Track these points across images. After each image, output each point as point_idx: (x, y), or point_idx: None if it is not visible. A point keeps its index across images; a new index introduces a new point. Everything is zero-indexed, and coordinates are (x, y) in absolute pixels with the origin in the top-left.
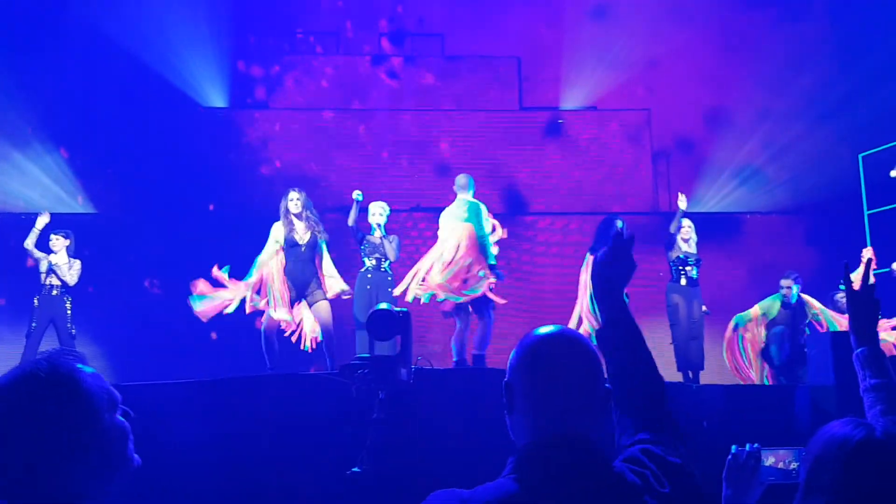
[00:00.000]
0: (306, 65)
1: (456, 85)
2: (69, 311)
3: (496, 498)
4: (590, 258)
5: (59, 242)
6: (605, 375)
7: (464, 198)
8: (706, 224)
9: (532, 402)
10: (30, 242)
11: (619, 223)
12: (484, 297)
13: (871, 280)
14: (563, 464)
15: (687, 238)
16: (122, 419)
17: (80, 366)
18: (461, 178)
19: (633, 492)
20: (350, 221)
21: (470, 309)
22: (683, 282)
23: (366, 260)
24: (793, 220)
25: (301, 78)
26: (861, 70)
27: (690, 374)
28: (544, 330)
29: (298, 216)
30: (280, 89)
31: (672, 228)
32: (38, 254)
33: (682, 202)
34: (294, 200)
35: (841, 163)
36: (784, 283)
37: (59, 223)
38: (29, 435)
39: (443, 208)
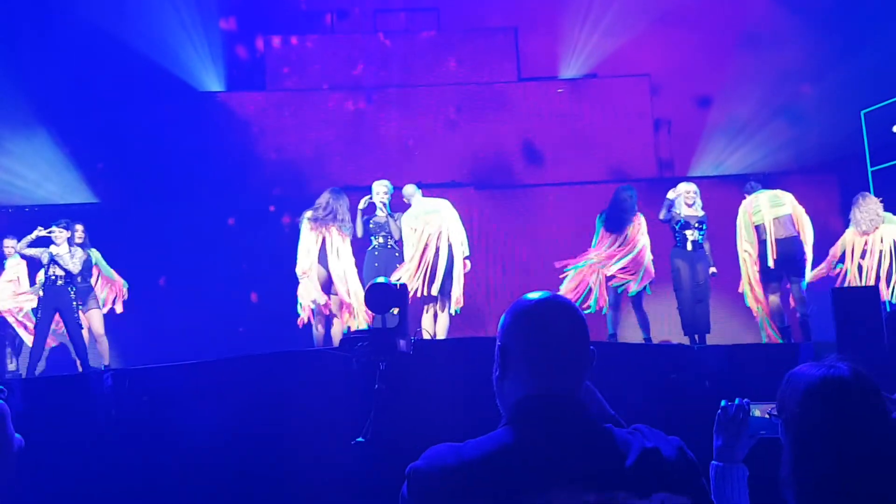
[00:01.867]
0: (300, 44)
1: (453, 58)
2: (74, 301)
3: (490, 448)
4: (602, 228)
5: (61, 235)
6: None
7: (425, 198)
8: (709, 188)
9: (526, 362)
10: (23, 246)
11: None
12: None
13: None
14: (554, 417)
15: (691, 203)
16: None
17: None
18: (409, 187)
19: (621, 443)
20: (359, 233)
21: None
22: (688, 247)
23: (372, 238)
24: (796, 180)
25: (295, 58)
26: (861, 26)
27: (696, 338)
28: (535, 295)
29: None
30: (275, 70)
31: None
32: (36, 252)
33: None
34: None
35: (843, 120)
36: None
37: (60, 214)
38: None
39: (445, 184)
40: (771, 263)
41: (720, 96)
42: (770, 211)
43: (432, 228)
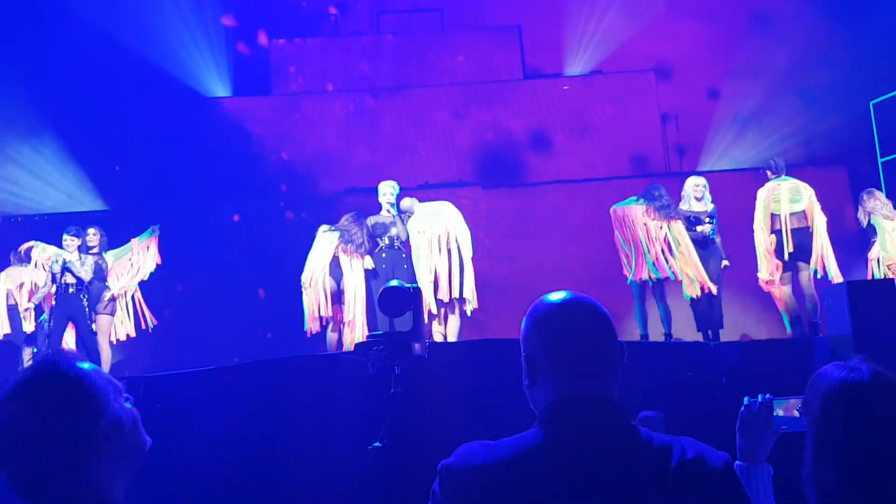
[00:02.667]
0: (305, 47)
1: (457, 58)
2: (87, 308)
3: (522, 447)
4: (614, 212)
5: (72, 243)
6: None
7: (424, 203)
8: (720, 181)
9: (553, 369)
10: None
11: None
12: None
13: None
14: (587, 420)
15: (700, 196)
16: (130, 406)
17: (80, 363)
18: (407, 201)
19: (660, 448)
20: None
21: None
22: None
23: (379, 240)
24: (806, 172)
25: (300, 60)
26: (869, 16)
27: (710, 333)
28: (555, 297)
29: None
30: (280, 73)
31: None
32: (48, 261)
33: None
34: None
35: (852, 111)
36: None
37: (70, 222)
38: (42, 437)
39: (453, 184)
40: (786, 256)
41: (728, 89)
42: (788, 205)
43: (439, 229)
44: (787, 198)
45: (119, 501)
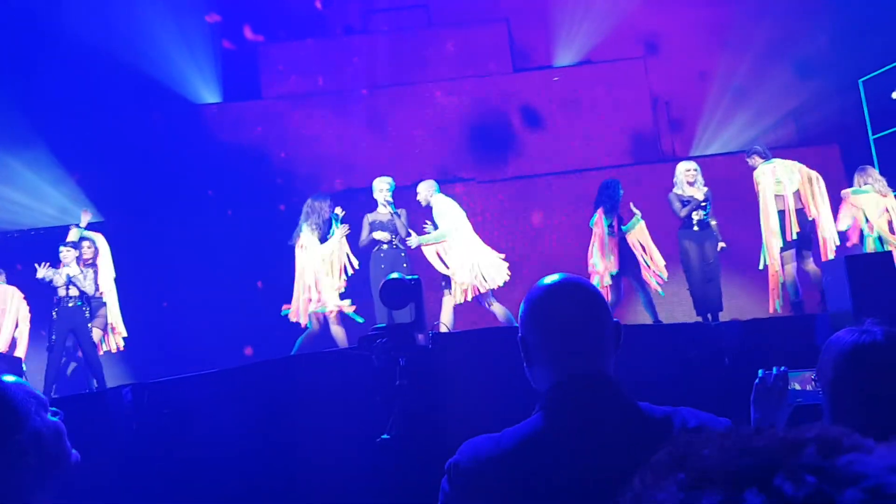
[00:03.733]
0: (292, 50)
1: (446, 54)
2: (89, 322)
3: (526, 435)
4: (599, 214)
5: (69, 254)
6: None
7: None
8: (713, 165)
9: (548, 350)
10: (41, 275)
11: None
12: None
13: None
14: (587, 399)
15: (692, 181)
16: (54, 419)
17: (1, 376)
18: (424, 190)
19: (660, 420)
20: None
21: None
22: (695, 227)
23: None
24: (798, 152)
25: (288, 64)
26: None
27: (710, 317)
28: (548, 280)
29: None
30: (268, 77)
31: (684, 212)
32: (49, 274)
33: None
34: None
35: (842, 89)
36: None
37: (66, 234)
38: None
39: (447, 179)
40: (795, 235)
41: (719, 71)
42: (790, 185)
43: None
44: (786, 176)
45: None
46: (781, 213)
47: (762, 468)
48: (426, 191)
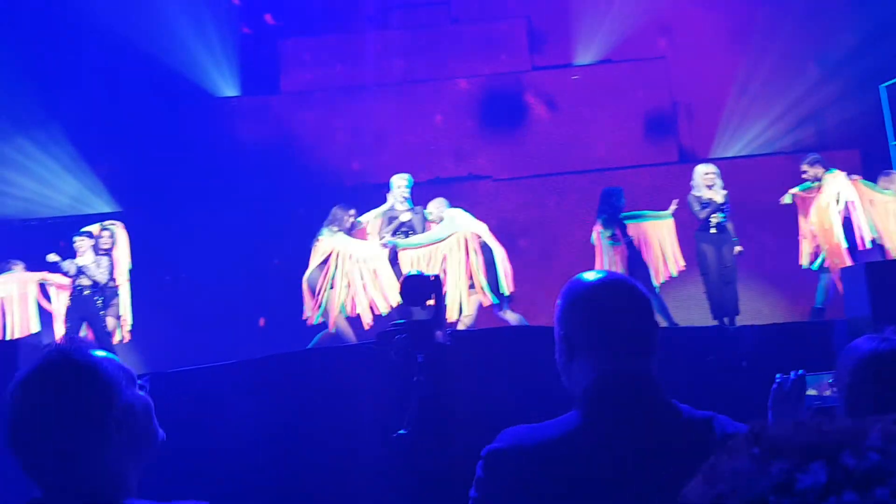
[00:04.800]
0: (313, 44)
1: (466, 50)
2: (102, 311)
3: (566, 427)
4: (596, 229)
5: (84, 243)
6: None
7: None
8: (732, 168)
9: (591, 348)
10: (52, 258)
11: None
12: None
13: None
14: (629, 396)
15: (711, 184)
16: (142, 393)
17: (93, 350)
18: (436, 210)
19: (699, 424)
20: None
21: None
22: (712, 230)
23: (394, 235)
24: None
25: (309, 58)
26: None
27: (726, 321)
28: (592, 276)
29: None
30: (289, 71)
31: (703, 214)
32: (65, 265)
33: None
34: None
35: (863, 95)
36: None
37: (84, 223)
38: (55, 423)
39: (463, 178)
40: (869, 244)
41: (739, 75)
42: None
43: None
44: (846, 188)
45: (133, 489)
46: (846, 221)
47: (830, 446)
48: (437, 209)
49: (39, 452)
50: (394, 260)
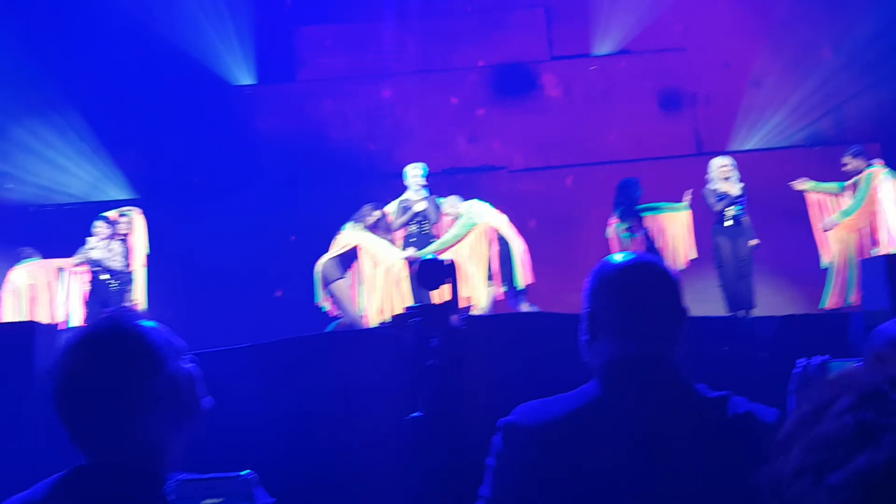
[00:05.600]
0: (329, 33)
1: (484, 39)
2: (118, 296)
3: (581, 402)
4: (614, 218)
5: (102, 230)
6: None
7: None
8: (750, 161)
9: (614, 327)
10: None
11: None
12: None
13: None
14: (646, 376)
15: (727, 177)
16: (189, 365)
17: (141, 321)
18: (451, 207)
19: (715, 406)
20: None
21: None
22: (728, 222)
23: (408, 225)
24: (837, 152)
25: (326, 47)
26: None
27: (741, 314)
28: (622, 258)
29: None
30: (305, 60)
31: (719, 207)
32: (83, 251)
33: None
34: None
35: (883, 90)
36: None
37: (101, 210)
38: (101, 390)
39: (478, 168)
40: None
41: (758, 68)
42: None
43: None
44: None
45: (176, 460)
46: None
47: None
48: (452, 207)
49: (84, 418)
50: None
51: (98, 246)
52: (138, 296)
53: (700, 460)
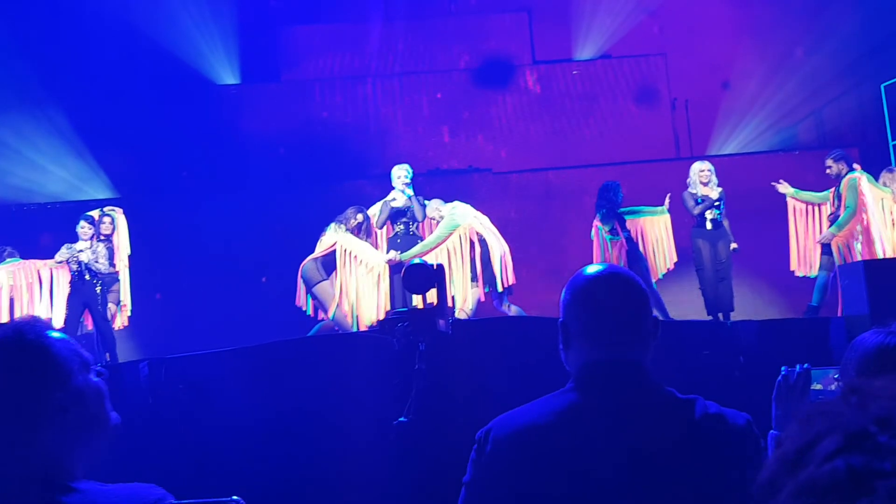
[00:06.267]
0: (312, 34)
1: (466, 42)
2: (102, 296)
3: (556, 408)
4: (596, 220)
5: (86, 230)
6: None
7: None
8: (729, 166)
9: (587, 336)
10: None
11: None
12: None
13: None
14: (619, 381)
15: (706, 181)
16: (97, 379)
17: (48, 332)
18: (434, 210)
19: (685, 407)
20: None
21: None
22: (708, 226)
23: (394, 226)
24: (817, 157)
25: (308, 48)
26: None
27: (721, 317)
28: (593, 269)
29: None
30: (287, 60)
31: (697, 210)
32: (64, 251)
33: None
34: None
35: (863, 94)
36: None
37: (83, 209)
38: (1, 402)
39: (462, 170)
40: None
41: (739, 72)
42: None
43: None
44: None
45: (78, 474)
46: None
47: None
48: (436, 211)
49: None
50: (395, 271)
51: (84, 248)
52: (124, 297)
53: (671, 461)
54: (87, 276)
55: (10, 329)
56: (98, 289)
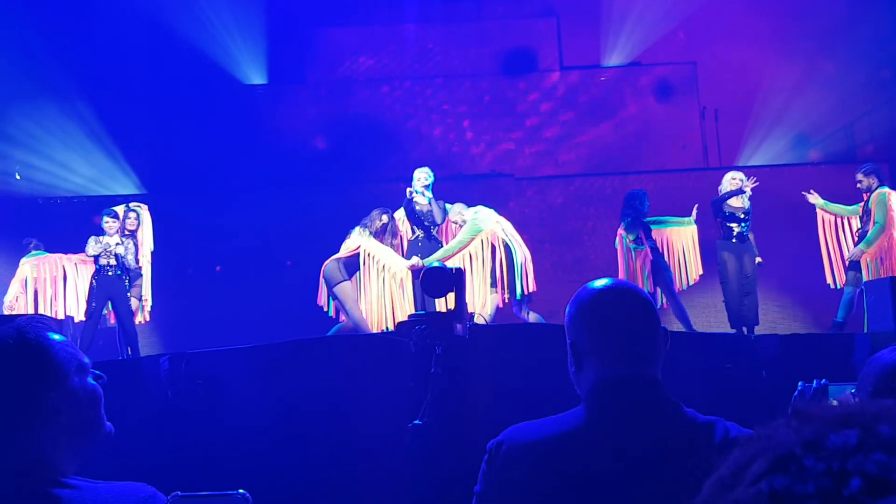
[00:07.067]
0: (340, 36)
1: (494, 48)
2: (128, 290)
3: (569, 424)
4: (619, 233)
5: (112, 225)
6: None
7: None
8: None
9: (597, 352)
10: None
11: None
12: None
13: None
14: (632, 396)
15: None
16: (94, 383)
17: (48, 333)
18: (457, 214)
19: (702, 427)
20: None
21: None
22: (734, 239)
23: (415, 229)
24: (848, 169)
25: (336, 50)
26: None
27: (745, 330)
28: (598, 284)
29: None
30: (315, 62)
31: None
32: (97, 247)
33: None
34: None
35: (895, 108)
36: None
37: (108, 204)
38: None
39: (485, 175)
40: None
41: (770, 84)
42: None
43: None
44: None
45: (69, 472)
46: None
47: (867, 417)
48: (458, 215)
49: None
50: (417, 276)
51: (116, 242)
52: (146, 292)
53: (685, 485)
54: (119, 272)
55: (11, 328)
56: (126, 282)
